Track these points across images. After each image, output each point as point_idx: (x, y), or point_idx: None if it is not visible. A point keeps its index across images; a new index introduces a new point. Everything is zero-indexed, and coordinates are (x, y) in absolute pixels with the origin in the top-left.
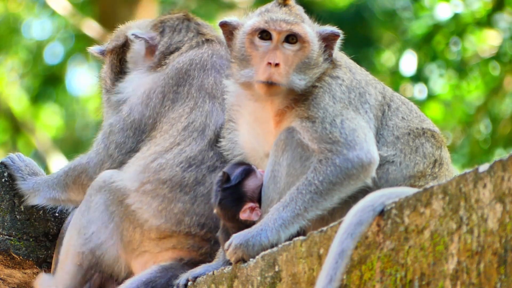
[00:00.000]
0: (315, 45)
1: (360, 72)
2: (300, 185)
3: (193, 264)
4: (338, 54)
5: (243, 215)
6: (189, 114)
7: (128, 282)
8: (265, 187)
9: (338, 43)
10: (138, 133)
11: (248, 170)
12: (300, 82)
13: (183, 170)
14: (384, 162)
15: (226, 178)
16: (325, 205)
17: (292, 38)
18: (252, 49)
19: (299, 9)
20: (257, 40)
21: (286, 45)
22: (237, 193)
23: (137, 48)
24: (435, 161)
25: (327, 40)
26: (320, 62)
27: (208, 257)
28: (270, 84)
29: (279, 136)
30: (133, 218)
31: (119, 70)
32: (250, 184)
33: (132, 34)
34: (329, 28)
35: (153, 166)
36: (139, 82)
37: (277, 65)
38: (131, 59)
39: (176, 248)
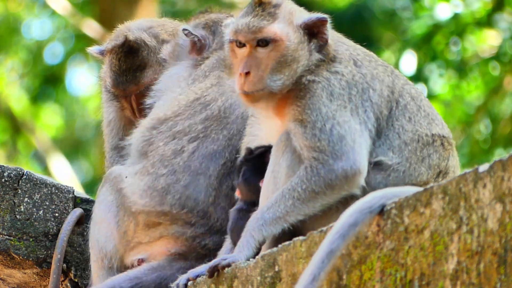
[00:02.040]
0: (291, 41)
1: (368, 65)
2: (284, 189)
3: (179, 255)
4: (342, 45)
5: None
6: (207, 89)
7: (115, 277)
8: (265, 185)
9: (328, 28)
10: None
11: (270, 147)
12: (276, 83)
13: (165, 144)
14: (387, 169)
15: (249, 151)
16: (307, 212)
17: (261, 42)
18: (233, 57)
19: (275, 4)
20: (236, 48)
21: (259, 49)
22: (258, 164)
23: (182, 43)
24: (440, 172)
25: (315, 28)
26: (302, 56)
27: (192, 242)
28: (246, 94)
29: (279, 137)
30: (127, 206)
31: (118, 68)
32: None
33: (184, 29)
34: (314, 16)
35: (147, 147)
36: (178, 76)
37: (247, 73)
38: (173, 54)
39: (163, 236)
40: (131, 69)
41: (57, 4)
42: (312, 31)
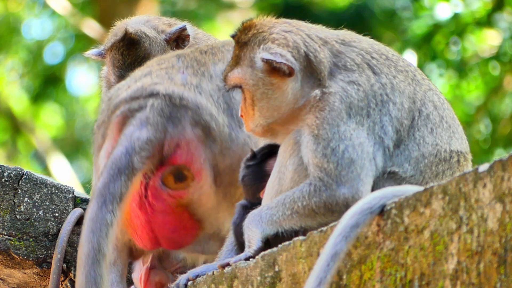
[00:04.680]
0: (249, 84)
1: (387, 72)
2: (286, 197)
3: None
4: (352, 49)
5: (263, 196)
6: None
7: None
8: (270, 184)
9: (289, 58)
10: None
11: (275, 152)
12: (255, 122)
13: None
14: (400, 181)
15: (252, 155)
16: (303, 225)
17: (235, 86)
18: None
19: (242, 44)
20: None
21: (242, 91)
22: (259, 172)
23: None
24: None
25: (274, 64)
26: (268, 93)
27: None
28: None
29: (288, 138)
30: None
31: (122, 63)
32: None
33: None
34: (264, 56)
35: None
36: None
37: (241, 116)
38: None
39: None
40: (136, 61)
41: (57, 4)
42: (273, 66)
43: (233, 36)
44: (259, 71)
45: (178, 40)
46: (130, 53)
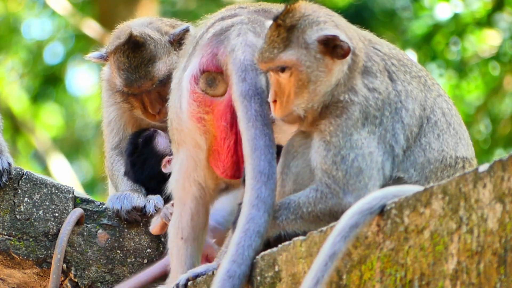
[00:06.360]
0: (303, 65)
1: (403, 78)
2: (291, 201)
3: None
4: (376, 52)
5: None
6: None
7: None
8: None
9: (345, 39)
10: None
11: (278, 152)
12: (299, 107)
13: None
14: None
15: None
16: (306, 229)
17: (279, 68)
18: (271, 82)
19: (290, 27)
20: (269, 74)
21: (282, 74)
22: None
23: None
24: None
25: (330, 43)
26: (320, 75)
27: None
28: (280, 119)
29: (293, 139)
30: None
31: (128, 66)
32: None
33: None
34: (322, 33)
35: None
36: None
37: (274, 101)
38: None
39: None
40: (142, 64)
41: (57, 4)
42: (329, 46)
43: (275, 19)
44: (314, 51)
45: (181, 41)
46: (136, 55)
